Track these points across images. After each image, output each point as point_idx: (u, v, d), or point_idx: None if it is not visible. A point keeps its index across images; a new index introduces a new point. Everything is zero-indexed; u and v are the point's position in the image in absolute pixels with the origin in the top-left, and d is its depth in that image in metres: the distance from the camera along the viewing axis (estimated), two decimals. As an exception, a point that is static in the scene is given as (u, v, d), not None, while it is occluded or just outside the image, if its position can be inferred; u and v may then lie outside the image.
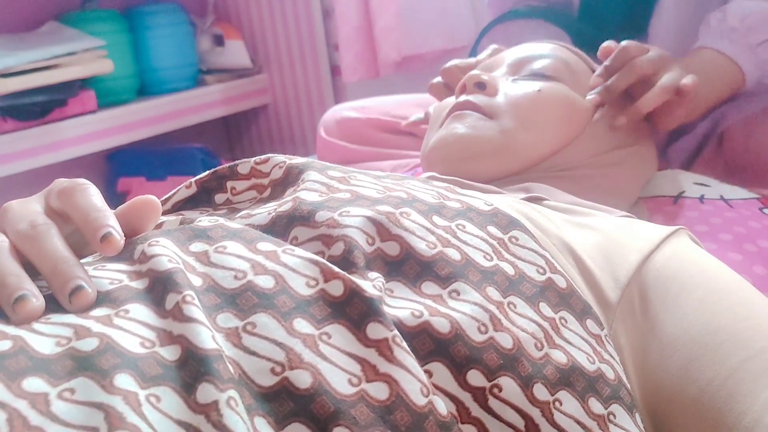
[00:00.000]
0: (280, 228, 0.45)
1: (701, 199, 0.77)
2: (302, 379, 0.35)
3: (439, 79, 0.89)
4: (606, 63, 0.74)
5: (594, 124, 0.70)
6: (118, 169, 1.80)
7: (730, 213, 0.74)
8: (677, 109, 0.74)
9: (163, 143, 1.80)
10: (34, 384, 0.31)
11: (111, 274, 0.39)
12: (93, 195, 0.41)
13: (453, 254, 0.44)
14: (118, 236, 0.39)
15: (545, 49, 0.74)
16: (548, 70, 0.71)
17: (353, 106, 1.08)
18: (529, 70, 0.72)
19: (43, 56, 1.43)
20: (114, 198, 1.77)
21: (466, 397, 0.39)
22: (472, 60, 0.84)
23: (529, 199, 0.60)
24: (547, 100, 0.68)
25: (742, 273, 0.61)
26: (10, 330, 0.34)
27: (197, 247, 0.41)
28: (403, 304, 0.41)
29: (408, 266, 0.43)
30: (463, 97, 0.69)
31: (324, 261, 0.40)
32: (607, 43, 0.75)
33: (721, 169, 0.88)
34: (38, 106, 1.46)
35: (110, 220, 0.39)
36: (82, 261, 0.40)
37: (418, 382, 0.36)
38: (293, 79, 1.89)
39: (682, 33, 0.92)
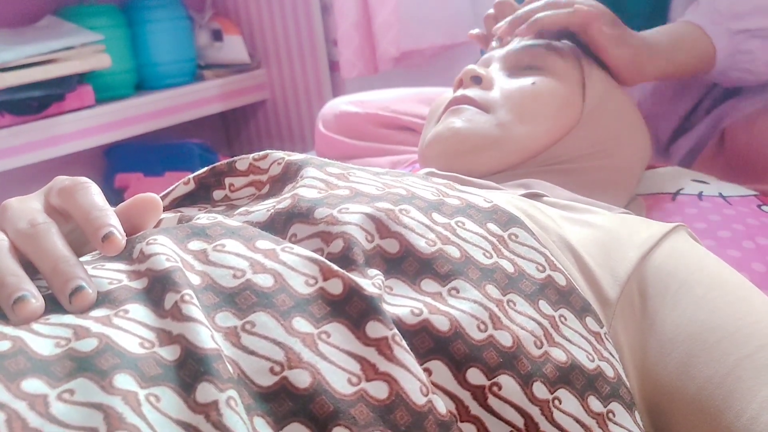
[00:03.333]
0: (279, 225, 0.45)
1: (700, 196, 0.77)
2: (301, 379, 0.35)
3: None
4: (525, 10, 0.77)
5: (587, 116, 0.70)
6: (115, 164, 1.80)
7: (728, 210, 0.74)
8: (599, 38, 0.74)
9: (161, 139, 1.79)
10: (33, 385, 0.31)
11: (110, 274, 0.38)
12: (94, 194, 0.41)
13: (452, 252, 0.44)
14: (120, 236, 0.39)
15: (538, 42, 0.75)
16: (541, 63, 0.72)
17: (352, 100, 1.08)
18: (523, 63, 0.73)
19: (41, 51, 1.43)
20: (111, 194, 1.76)
21: (465, 396, 0.39)
22: None
23: (528, 196, 0.60)
24: (541, 92, 0.69)
25: (741, 270, 0.61)
26: (10, 331, 0.33)
27: (196, 245, 0.41)
28: (402, 302, 0.40)
29: (407, 264, 0.43)
30: (459, 92, 0.70)
31: (323, 259, 0.40)
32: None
33: (723, 166, 0.88)
34: (36, 101, 1.45)
35: (112, 220, 0.39)
36: (81, 259, 0.39)
37: (417, 381, 0.36)
38: (292, 74, 1.89)
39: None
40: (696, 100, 0.97)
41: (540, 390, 0.40)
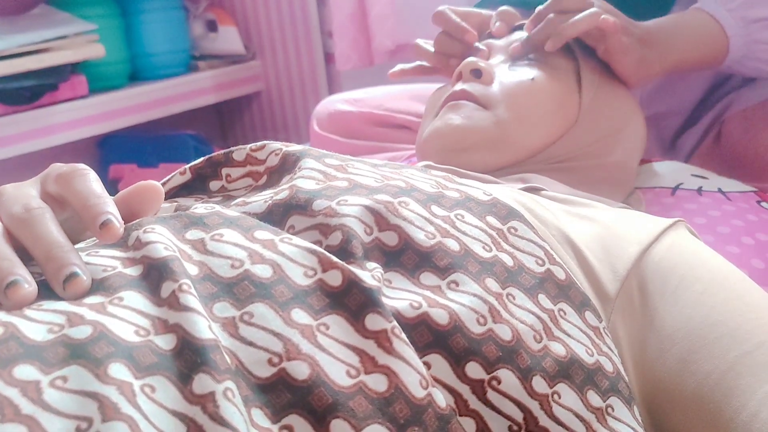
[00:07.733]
0: (277, 216, 0.44)
1: (699, 191, 0.76)
2: (300, 371, 0.34)
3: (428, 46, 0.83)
4: (539, 8, 0.73)
5: (585, 113, 0.70)
6: (109, 155, 1.79)
7: (728, 206, 0.73)
8: (616, 48, 0.71)
9: (155, 130, 1.79)
10: (25, 371, 0.30)
11: (105, 261, 0.38)
12: (92, 180, 0.41)
13: (452, 245, 0.44)
14: (118, 223, 0.38)
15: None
16: (541, 55, 0.71)
17: (346, 99, 1.07)
18: (525, 54, 0.72)
19: (34, 40, 1.41)
20: (105, 185, 1.74)
21: (464, 390, 0.38)
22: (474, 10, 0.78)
23: (527, 190, 0.60)
24: (540, 90, 0.68)
25: (740, 266, 0.61)
26: (2, 316, 0.33)
27: (193, 234, 0.40)
28: (401, 295, 0.40)
29: (406, 256, 0.43)
30: (459, 86, 0.69)
31: (322, 250, 0.40)
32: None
33: (719, 161, 0.88)
34: (28, 91, 1.44)
35: (110, 207, 0.39)
36: (75, 246, 0.39)
37: (417, 374, 0.36)
38: (286, 66, 1.88)
39: None
40: (703, 94, 0.96)
41: (539, 384, 0.40)
